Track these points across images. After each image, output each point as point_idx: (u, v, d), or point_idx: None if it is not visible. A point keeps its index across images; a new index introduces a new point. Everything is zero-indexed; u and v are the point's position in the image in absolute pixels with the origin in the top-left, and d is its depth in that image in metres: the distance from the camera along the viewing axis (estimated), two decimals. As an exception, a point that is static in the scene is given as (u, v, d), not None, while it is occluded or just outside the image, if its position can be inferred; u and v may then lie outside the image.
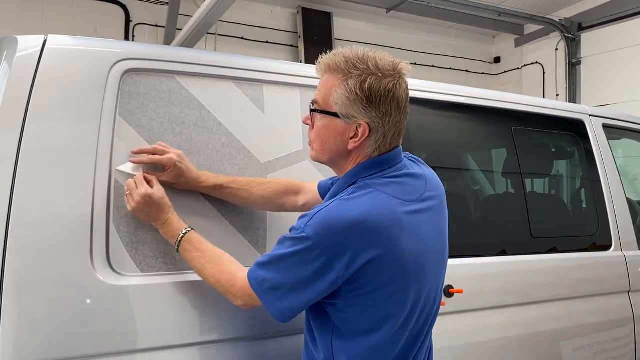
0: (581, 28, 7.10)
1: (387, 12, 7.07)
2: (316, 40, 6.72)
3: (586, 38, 7.08)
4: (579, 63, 7.14)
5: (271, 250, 1.21)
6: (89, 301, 1.30)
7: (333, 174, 1.38)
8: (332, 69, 1.20)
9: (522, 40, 7.95)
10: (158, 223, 1.38)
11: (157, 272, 1.41)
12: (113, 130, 1.41)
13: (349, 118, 1.19)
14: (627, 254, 2.39)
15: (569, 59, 7.18)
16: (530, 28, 7.77)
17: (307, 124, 1.29)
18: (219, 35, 6.18)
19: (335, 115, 1.20)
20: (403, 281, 1.16)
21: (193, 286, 1.42)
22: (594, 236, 2.37)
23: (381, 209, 1.14)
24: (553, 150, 2.60)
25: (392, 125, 1.20)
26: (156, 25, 6.22)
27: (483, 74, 8.33)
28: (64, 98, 1.36)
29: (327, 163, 1.29)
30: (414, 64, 6.88)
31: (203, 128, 1.55)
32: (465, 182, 2.29)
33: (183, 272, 1.43)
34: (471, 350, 1.89)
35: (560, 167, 2.67)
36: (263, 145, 1.64)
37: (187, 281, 1.42)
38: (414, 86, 1.88)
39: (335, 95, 1.19)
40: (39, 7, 5.63)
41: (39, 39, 1.38)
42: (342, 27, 7.06)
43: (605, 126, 2.56)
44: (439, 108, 2.11)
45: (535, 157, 2.42)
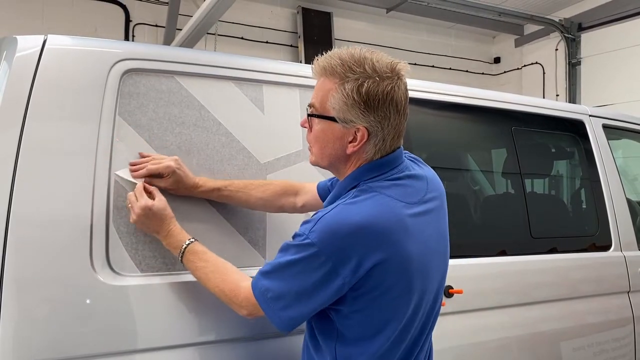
0: (581, 28, 7.09)
1: (387, 12, 7.07)
2: (316, 41, 6.71)
3: (586, 38, 7.08)
4: (578, 63, 7.14)
5: (273, 256, 1.19)
6: (88, 301, 1.30)
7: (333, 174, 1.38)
8: (328, 72, 1.17)
9: (522, 40, 7.95)
10: (160, 235, 1.37)
11: (157, 272, 1.41)
12: (113, 130, 1.40)
13: (347, 122, 1.16)
14: (626, 254, 2.39)
15: (569, 59, 7.18)
16: (530, 28, 7.76)
17: (305, 127, 1.26)
18: (218, 35, 6.17)
19: (333, 119, 1.17)
20: (407, 284, 1.14)
21: (193, 286, 1.41)
22: (593, 236, 2.37)
23: (385, 213, 1.13)
24: (553, 150, 2.60)
25: (391, 128, 1.17)
26: (156, 25, 6.22)
27: (483, 74, 8.33)
28: (63, 98, 1.36)
29: (326, 167, 1.27)
30: (414, 64, 6.90)
31: (203, 128, 1.55)
32: (465, 182, 2.28)
33: (182, 273, 1.43)
34: (471, 350, 1.88)
35: (560, 167, 2.67)
36: (263, 145, 1.63)
37: (186, 281, 1.42)
38: (414, 86, 1.88)
39: (332, 99, 1.16)
40: (39, 7, 5.63)
41: (39, 39, 1.38)
42: (342, 27, 7.06)
43: (605, 126, 2.56)
44: (439, 108, 2.11)
45: (535, 157, 2.42)
